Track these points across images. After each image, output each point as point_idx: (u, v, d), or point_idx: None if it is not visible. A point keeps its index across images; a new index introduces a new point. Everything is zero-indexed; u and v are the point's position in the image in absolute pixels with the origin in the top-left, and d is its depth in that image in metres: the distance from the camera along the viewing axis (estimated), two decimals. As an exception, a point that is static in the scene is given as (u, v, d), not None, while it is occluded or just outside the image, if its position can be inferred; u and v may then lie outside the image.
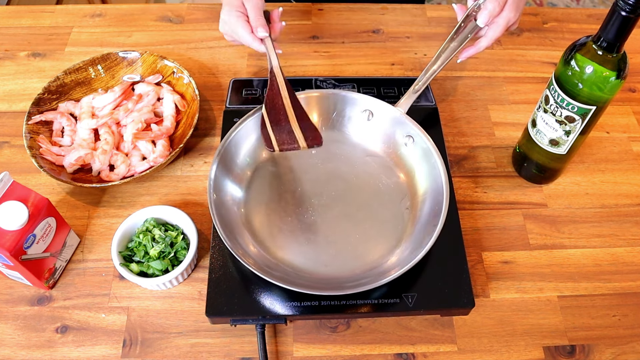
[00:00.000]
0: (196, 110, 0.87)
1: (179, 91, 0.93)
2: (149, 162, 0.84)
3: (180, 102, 0.91)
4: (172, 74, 0.93)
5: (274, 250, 0.74)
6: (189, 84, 0.91)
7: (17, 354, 0.70)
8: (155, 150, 0.86)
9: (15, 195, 0.68)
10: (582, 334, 0.73)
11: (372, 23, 1.11)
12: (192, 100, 0.90)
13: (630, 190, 0.87)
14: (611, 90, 0.69)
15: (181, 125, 0.90)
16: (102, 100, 0.90)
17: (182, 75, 0.92)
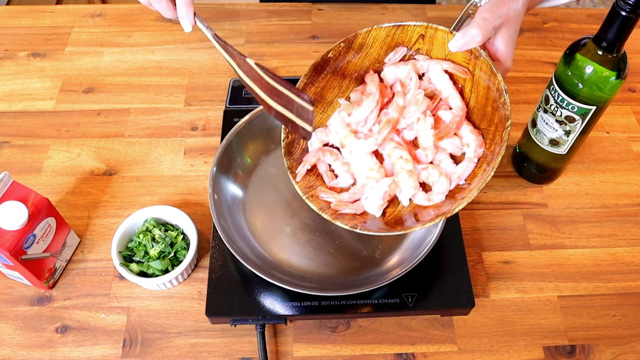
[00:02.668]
0: (486, 70, 0.64)
1: (440, 56, 0.69)
2: (471, 159, 0.64)
3: (455, 67, 0.68)
4: (420, 37, 0.69)
5: (274, 250, 0.74)
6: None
7: (17, 354, 0.70)
8: (466, 142, 0.65)
9: (15, 195, 0.68)
10: (582, 334, 0.73)
11: (372, 23, 1.10)
12: (471, 59, 0.66)
13: (630, 190, 0.87)
14: (611, 90, 0.69)
15: (472, 94, 0.67)
16: (361, 113, 0.67)
17: (436, 34, 0.68)
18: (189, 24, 0.67)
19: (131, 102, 0.96)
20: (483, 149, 0.65)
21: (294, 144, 0.71)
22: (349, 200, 0.66)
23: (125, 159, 0.89)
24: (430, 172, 0.64)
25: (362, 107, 0.66)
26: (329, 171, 0.69)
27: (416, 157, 0.66)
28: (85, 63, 1.02)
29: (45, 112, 0.95)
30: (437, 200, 0.64)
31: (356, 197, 0.66)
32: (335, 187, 0.68)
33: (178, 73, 1.01)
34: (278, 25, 1.09)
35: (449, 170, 0.65)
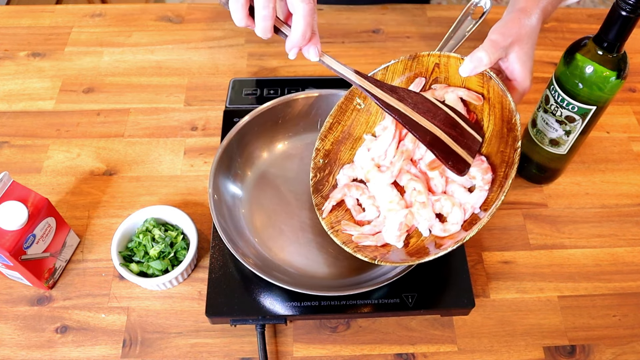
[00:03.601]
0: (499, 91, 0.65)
1: (457, 83, 0.70)
2: (482, 187, 0.65)
3: (469, 95, 0.69)
4: (436, 66, 0.70)
5: (274, 250, 0.74)
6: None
7: (17, 354, 0.70)
8: (472, 175, 0.66)
9: (15, 195, 0.68)
10: (582, 334, 0.73)
11: (372, 23, 1.11)
12: (484, 82, 0.67)
13: (631, 190, 0.87)
14: (611, 90, 0.69)
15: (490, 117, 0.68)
16: (380, 146, 0.69)
17: (449, 61, 0.69)
18: (316, 55, 0.62)
19: (131, 102, 0.96)
20: (490, 174, 0.65)
21: (322, 182, 0.73)
22: (370, 233, 0.67)
23: (125, 159, 0.89)
24: (443, 203, 0.66)
25: (379, 141, 0.69)
26: (357, 205, 0.71)
27: (432, 189, 0.67)
28: (85, 63, 1.02)
29: (45, 112, 0.95)
30: (453, 230, 0.65)
31: (377, 229, 0.68)
32: (362, 221, 0.69)
33: (178, 73, 1.01)
34: (278, 25, 1.09)
35: (462, 200, 0.65)
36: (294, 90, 0.85)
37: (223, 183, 0.76)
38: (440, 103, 0.66)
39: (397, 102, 0.63)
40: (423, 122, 0.64)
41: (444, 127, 0.65)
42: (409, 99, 0.65)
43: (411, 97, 0.65)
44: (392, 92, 0.64)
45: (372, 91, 0.63)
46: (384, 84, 0.64)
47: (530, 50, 0.68)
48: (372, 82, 0.63)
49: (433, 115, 0.65)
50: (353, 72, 0.63)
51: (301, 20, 0.57)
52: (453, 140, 0.65)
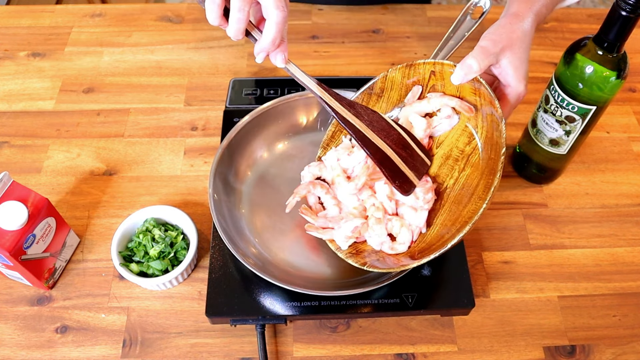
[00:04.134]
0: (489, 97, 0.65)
1: (452, 90, 0.70)
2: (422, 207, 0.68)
3: (461, 105, 0.69)
4: (432, 74, 0.71)
5: (274, 250, 0.74)
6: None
7: (17, 354, 0.70)
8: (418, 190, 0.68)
9: (15, 195, 0.68)
10: (582, 334, 0.73)
11: (372, 23, 1.11)
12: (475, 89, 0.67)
13: (631, 190, 0.87)
14: (611, 90, 0.69)
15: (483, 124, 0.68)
16: (350, 162, 0.72)
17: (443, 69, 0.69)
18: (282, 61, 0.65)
19: (131, 102, 0.96)
20: (432, 194, 0.68)
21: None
22: (321, 225, 0.70)
23: (125, 159, 0.89)
24: (394, 224, 0.68)
25: (352, 157, 0.71)
26: (318, 203, 0.73)
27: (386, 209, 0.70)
28: (85, 63, 1.02)
29: (45, 112, 0.95)
30: (400, 250, 0.67)
31: (330, 225, 0.70)
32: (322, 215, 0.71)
33: (178, 73, 1.01)
34: (278, 25, 1.09)
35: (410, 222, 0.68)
36: (294, 91, 0.85)
37: (223, 183, 0.76)
38: (395, 124, 0.69)
39: (354, 117, 0.65)
40: (376, 140, 0.66)
41: (395, 146, 0.67)
42: (365, 116, 0.67)
43: (368, 114, 0.67)
44: (350, 107, 0.66)
45: (330, 104, 0.65)
46: (343, 98, 0.66)
47: (523, 55, 0.68)
48: (332, 95, 0.65)
49: (386, 134, 0.67)
50: (315, 83, 0.65)
51: (273, 26, 0.59)
52: (402, 161, 0.67)
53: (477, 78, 0.66)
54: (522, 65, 0.67)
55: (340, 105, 0.65)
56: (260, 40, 0.60)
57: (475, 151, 0.68)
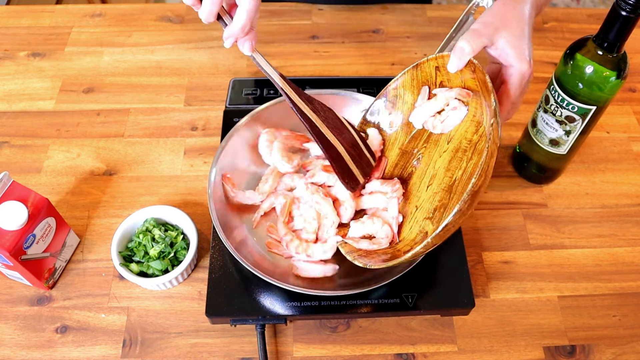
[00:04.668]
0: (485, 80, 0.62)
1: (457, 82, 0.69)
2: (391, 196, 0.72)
3: (460, 93, 0.69)
4: (437, 70, 0.71)
5: (274, 250, 0.74)
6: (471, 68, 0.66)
7: (17, 354, 0.70)
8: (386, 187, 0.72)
9: (15, 195, 0.68)
10: (582, 334, 0.73)
11: (372, 23, 1.11)
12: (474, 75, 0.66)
13: (631, 190, 0.87)
14: (611, 90, 0.69)
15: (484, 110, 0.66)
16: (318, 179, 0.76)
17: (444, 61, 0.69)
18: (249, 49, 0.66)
19: (131, 102, 0.96)
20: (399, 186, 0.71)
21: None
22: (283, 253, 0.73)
23: (125, 159, 0.89)
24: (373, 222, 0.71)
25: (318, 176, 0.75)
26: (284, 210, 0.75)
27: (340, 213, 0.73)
28: (85, 63, 1.02)
29: (45, 112, 0.95)
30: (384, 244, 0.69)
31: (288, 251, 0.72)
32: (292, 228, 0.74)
33: (178, 73, 1.01)
34: (278, 25, 1.09)
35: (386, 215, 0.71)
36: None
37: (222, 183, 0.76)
38: (347, 123, 0.72)
39: (312, 112, 0.69)
40: (329, 136, 0.69)
41: (346, 145, 0.70)
42: (322, 113, 0.70)
43: (325, 111, 0.70)
44: (309, 102, 0.69)
45: (291, 97, 0.67)
46: (303, 93, 0.69)
47: (521, 33, 0.66)
48: (294, 89, 0.68)
49: (339, 132, 0.70)
50: (278, 75, 0.67)
51: (244, 13, 0.60)
52: (351, 159, 0.70)
53: (471, 61, 0.65)
54: (521, 44, 0.66)
55: (300, 100, 0.68)
56: (230, 25, 0.62)
57: (482, 137, 0.67)
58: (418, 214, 0.69)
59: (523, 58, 0.66)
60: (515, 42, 0.66)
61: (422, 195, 0.70)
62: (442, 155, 0.71)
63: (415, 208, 0.70)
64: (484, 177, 0.58)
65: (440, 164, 0.70)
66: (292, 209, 0.75)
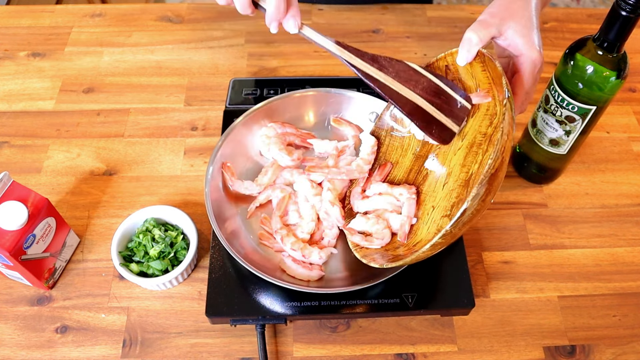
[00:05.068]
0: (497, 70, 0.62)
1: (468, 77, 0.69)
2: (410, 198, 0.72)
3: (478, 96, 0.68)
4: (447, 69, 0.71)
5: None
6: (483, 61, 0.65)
7: (17, 354, 0.70)
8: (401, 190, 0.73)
9: (15, 195, 0.68)
10: (582, 334, 0.73)
11: (372, 23, 1.11)
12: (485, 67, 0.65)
13: (631, 190, 0.87)
14: (611, 90, 0.69)
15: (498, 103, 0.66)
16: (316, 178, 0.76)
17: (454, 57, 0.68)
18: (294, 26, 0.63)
19: (131, 102, 0.96)
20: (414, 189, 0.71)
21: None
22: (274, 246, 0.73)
23: (125, 159, 0.89)
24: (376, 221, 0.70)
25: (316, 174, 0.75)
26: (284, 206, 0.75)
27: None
28: (85, 63, 1.02)
29: (45, 112, 0.95)
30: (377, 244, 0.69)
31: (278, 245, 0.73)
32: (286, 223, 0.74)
33: (178, 73, 1.01)
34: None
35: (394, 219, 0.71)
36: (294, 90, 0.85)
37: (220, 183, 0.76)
38: (424, 71, 0.66)
39: (377, 71, 0.63)
40: (404, 92, 0.64)
41: (427, 95, 0.64)
42: (390, 68, 0.64)
43: (392, 65, 0.65)
44: (374, 61, 0.64)
45: (351, 62, 0.63)
46: (366, 53, 0.64)
47: (528, 23, 0.66)
48: (353, 52, 0.64)
49: (415, 83, 0.65)
50: (333, 43, 0.63)
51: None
52: (437, 109, 0.65)
53: (481, 52, 0.64)
54: (529, 33, 0.65)
55: (362, 62, 0.64)
56: (267, 10, 0.61)
57: (497, 129, 0.65)
58: (435, 213, 0.69)
59: (533, 46, 0.65)
60: (524, 31, 0.65)
61: (438, 194, 0.70)
62: (457, 153, 0.70)
63: (432, 208, 0.69)
64: (500, 159, 0.56)
65: (456, 161, 0.69)
66: (288, 204, 0.75)
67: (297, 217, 0.74)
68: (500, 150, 0.56)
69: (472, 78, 0.68)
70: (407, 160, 0.75)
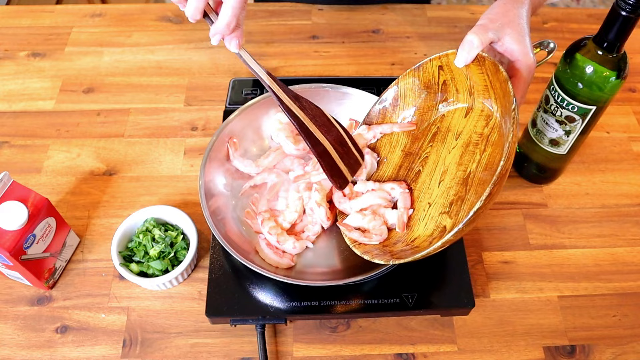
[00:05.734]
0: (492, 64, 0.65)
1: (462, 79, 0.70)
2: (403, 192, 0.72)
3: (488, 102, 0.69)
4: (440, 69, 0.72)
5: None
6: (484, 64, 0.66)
7: (17, 354, 0.70)
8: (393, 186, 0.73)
9: (15, 195, 0.68)
10: (582, 334, 0.73)
11: (372, 23, 1.11)
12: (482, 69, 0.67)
13: (630, 190, 0.87)
14: (611, 90, 0.69)
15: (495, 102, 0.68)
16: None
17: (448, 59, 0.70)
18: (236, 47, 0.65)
19: (131, 102, 0.96)
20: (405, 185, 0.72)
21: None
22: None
23: (125, 159, 0.89)
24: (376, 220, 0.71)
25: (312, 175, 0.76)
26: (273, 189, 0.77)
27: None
28: (85, 63, 1.02)
29: (45, 112, 0.95)
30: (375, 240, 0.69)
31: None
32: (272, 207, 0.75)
33: (178, 73, 1.01)
34: (278, 25, 1.09)
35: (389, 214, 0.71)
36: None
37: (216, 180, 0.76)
38: (335, 121, 0.72)
39: (299, 110, 0.69)
40: (317, 134, 0.69)
41: (334, 142, 0.71)
42: (310, 110, 0.70)
43: (312, 109, 0.70)
44: (296, 100, 0.69)
45: (278, 94, 0.68)
46: (290, 91, 0.69)
47: (522, 30, 0.68)
48: (281, 86, 0.68)
49: (327, 130, 0.70)
50: (265, 73, 0.67)
51: (229, 10, 0.61)
52: (339, 157, 0.71)
53: (480, 54, 0.65)
54: (523, 39, 0.68)
55: (287, 97, 0.68)
56: (216, 23, 0.63)
57: (493, 130, 0.68)
58: (432, 210, 0.69)
59: (527, 52, 0.67)
60: (519, 38, 0.67)
61: (434, 192, 0.70)
62: (452, 151, 0.71)
63: (429, 205, 0.70)
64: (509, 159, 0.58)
65: (451, 160, 0.71)
66: (279, 190, 0.76)
67: (285, 205, 0.75)
68: (511, 153, 0.58)
69: (467, 79, 0.70)
70: (395, 157, 0.76)
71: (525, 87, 0.69)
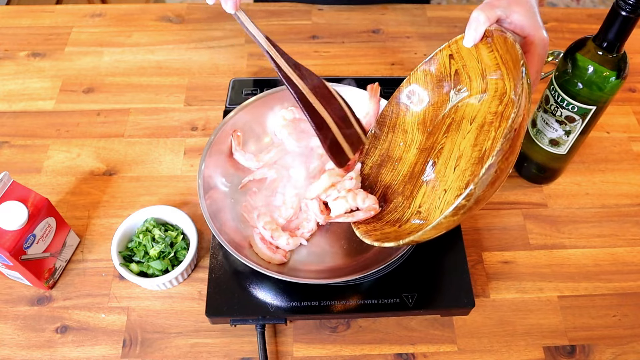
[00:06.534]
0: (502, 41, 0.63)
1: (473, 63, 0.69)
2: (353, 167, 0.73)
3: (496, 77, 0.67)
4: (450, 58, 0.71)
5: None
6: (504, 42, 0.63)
7: (17, 354, 0.70)
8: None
9: (15, 195, 0.68)
10: (582, 334, 0.73)
11: (372, 23, 1.11)
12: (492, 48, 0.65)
13: (630, 190, 0.87)
14: (611, 90, 0.69)
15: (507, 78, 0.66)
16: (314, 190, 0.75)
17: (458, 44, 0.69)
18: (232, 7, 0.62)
19: (131, 102, 0.96)
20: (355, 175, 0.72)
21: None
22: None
23: (125, 159, 0.89)
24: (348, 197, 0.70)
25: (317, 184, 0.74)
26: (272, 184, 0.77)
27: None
28: (85, 63, 1.02)
29: (45, 112, 0.95)
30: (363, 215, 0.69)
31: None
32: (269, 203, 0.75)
33: (178, 73, 1.01)
34: (278, 25, 1.09)
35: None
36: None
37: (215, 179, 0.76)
38: (338, 95, 0.67)
39: (298, 79, 0.65)
40: (317, 105, 0.65)
41: (335, 117, 0.66)
42: (310, 80, 0.66)
43: (312, 79, 0.66)
44: (296, 68, 0.65)
45: (277, 60, 0.63)
46: (290, 58, 0.65)
47: (532, 8, 0.67)
48: (280, 52, 0.64)
49: (327, 102, 0.66)
50: (264, 37, 0.64)
51: None
52: (340, 132, 0.67)
53: (488, 31, 0.64)
54: (534, 16, 0.66)
55: (286, 64, 0.65)
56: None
57: (507, 106, 0.65)
58: (448, 195, 0.67)
59: (537, 27, 0.66)
60: (529, 14, 0.66)
61: (449, 178, 0.68)
62: (467, 136, 0.69)
63: (444, 191, 0.68)
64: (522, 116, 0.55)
65: (466, 144, 0.69)
66: (278, 186, 0.76)
67: (282, 201, 0.75)
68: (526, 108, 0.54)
69: (478, 63, 0.68)
70: (411, 155, 0.75)
71: (539, 64, 0.66)
